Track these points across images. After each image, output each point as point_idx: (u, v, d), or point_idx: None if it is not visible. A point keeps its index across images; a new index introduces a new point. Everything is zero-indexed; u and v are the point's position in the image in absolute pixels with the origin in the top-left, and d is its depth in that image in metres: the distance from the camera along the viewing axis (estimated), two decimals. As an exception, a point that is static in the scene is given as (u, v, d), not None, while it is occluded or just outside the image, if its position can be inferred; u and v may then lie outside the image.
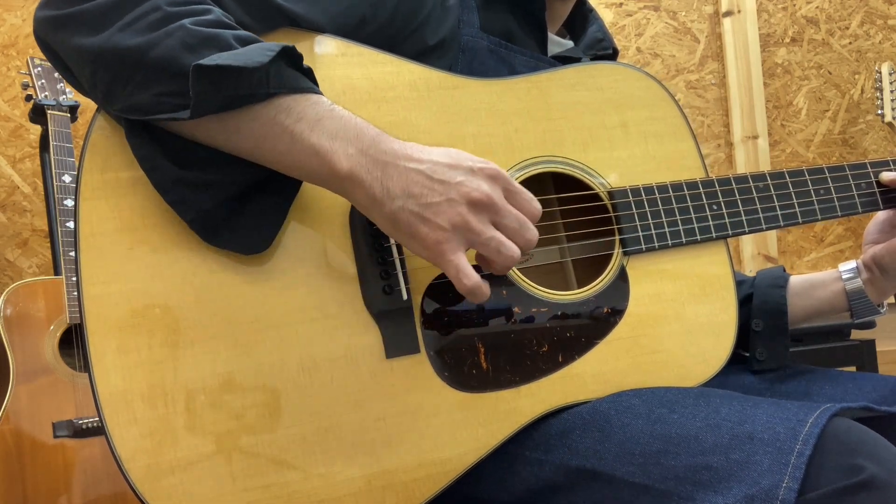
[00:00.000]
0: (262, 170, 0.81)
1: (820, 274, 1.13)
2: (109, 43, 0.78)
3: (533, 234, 0.80)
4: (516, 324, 0.92)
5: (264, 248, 0.83)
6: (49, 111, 2.06)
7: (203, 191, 0.80)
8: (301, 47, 0.88)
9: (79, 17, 0.80)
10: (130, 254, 0.81)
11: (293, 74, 0.79)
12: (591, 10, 1.21)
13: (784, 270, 1.14)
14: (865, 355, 1.86)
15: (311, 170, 0.79)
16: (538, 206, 0.82)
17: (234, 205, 0.82)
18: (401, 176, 0.77)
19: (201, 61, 0.74)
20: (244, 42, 0.79)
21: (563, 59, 1.11)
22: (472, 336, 0.90)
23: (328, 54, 0.89)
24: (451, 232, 0.77)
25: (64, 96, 2.10)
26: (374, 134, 0.79)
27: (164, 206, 0.81)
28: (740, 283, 1.13)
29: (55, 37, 0.82)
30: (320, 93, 0.81)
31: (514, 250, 0.79)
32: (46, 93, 2.08)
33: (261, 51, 0.77)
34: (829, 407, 0.78)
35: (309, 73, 0.81)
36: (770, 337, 1.09)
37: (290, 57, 0.79)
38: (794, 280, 1.13)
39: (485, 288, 0.79)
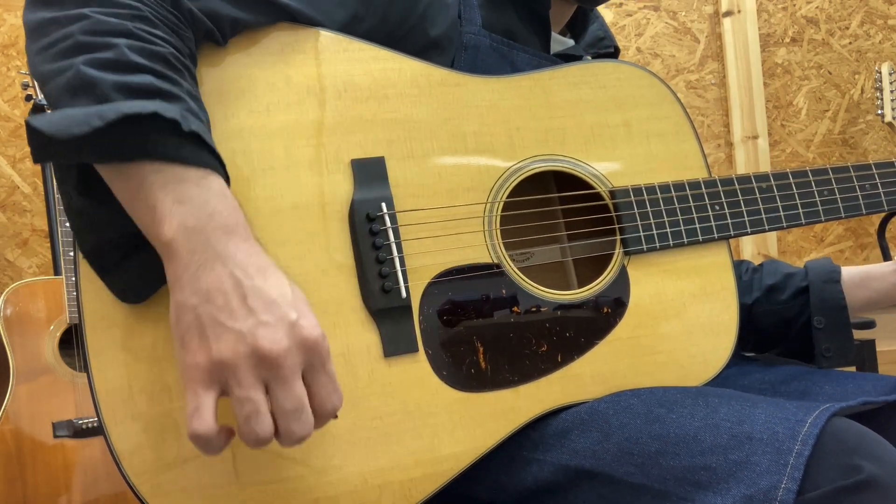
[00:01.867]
0: None
1: (876, 266, 1.15)
2: (33, 61, 0.76)
3: (303, 429, 0.69)
4: (516, 323, 0.91)
5: (136, 301, 0.78)
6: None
7: (96, 226, 0.76)
8: (302, 42, 0.88)
9: (27, 26, 0.78)
10: (128, 252, 0.80)
11: (167, 142, 0.71)
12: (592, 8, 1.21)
13: (831, 262, 1.17)
14: (865, 355, 1.85)
15: (143, 225, 0.72)
16: (337, 402, 0.72)
17: (125, 250, 0.76)
18: (217, 277, 0.68)
19: (29, 119, 0.70)
20: (128, 92, 0.71)
21: (565, 58, 1.10)
22: (471, 335, 0.89)
23: (330, 50, 0.89)
24: (216, 365, 0.67)
25: (64, 96, 2.10)
26: (231, 222, 0.71)
27: None
28: (792, 274, 1.15)
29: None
30: (209, 165, 0.73)
31: (266, 430, 0.68)
32: (46, 92, 2.08)
33: (93, 118, 0.69)
34: (828, 407, 0.78)
35: (193, 137, 0.72)
36: (833, 332, 1.11)
37: (152, 122, 0.70)
38: (849, 272, 1.15)
39: (215, 443, 0.69)
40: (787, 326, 1.15)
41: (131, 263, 0.76)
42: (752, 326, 1.18)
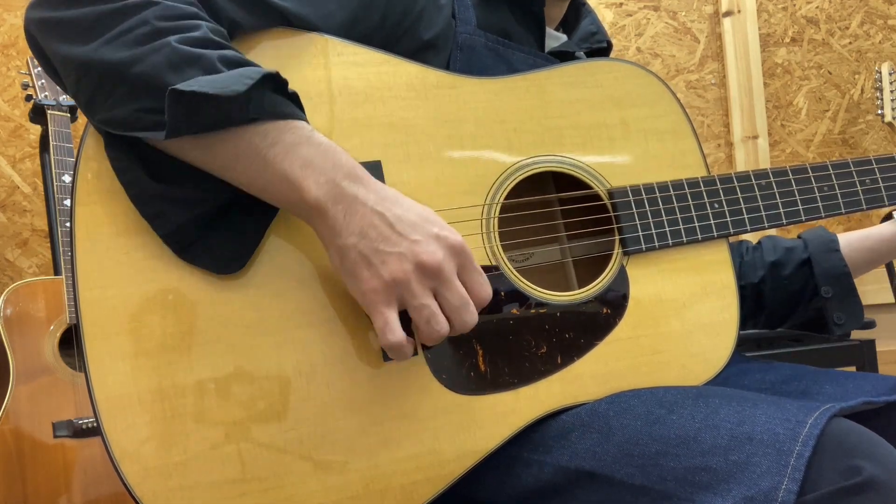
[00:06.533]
0: (240, 188, 0.80)
1: (874, 227, 1.19)
2: (96, 54, 0.77)
3: (472, 318, 0.79)
4: (515, 325, 0.91)
5: (237, 268, 0.82)
6: (49, 111, 2.06)
7: (179, 206, 0.79)
8: (297, 46, 0.87)
9: (68, 23, 0.79)
10: (127, 258, 0.80)
11: (276, 100, 0.78)
12: (584, 3, 1.21)
13: (826, 230, 1.19)
14: (865, 355, 1.85)
15: (281, 195, 0.78)
16: (489, 291, 0.80)
17: (211, 222, 0.81)
18: (364, 216, 0.76)
19: (178, 86, 0.73)
20: (230, 63, 0.77)
21: (560, 55, 1.10)
22: (470, 338, 0.89)
23: (325, 54, 0.89)
24: (390, 285, 0.76)
25: (64, 96, 2.10)
26: (350, 167, 0.78)
27: None
28: (791, 248, 1.18)
29: (44, 38, 0.81)
30: (303, 118, 0.80)
31: (444, 326, 0.77)
32: (46, 93, 2.08)
33: (240, 78, 0.75)
34: (828, 408, 0.78)
35: (294, 98, 0.80)
36: (842, 300, 1.14)
37: (274, 82, 0.78)
38: (846, 237, 1.18)
39: (407, 349, 0.78)
40: (795, 299, 1.18)
41: (219, 233, 0.81)
42: (761, 304, 1.20)
